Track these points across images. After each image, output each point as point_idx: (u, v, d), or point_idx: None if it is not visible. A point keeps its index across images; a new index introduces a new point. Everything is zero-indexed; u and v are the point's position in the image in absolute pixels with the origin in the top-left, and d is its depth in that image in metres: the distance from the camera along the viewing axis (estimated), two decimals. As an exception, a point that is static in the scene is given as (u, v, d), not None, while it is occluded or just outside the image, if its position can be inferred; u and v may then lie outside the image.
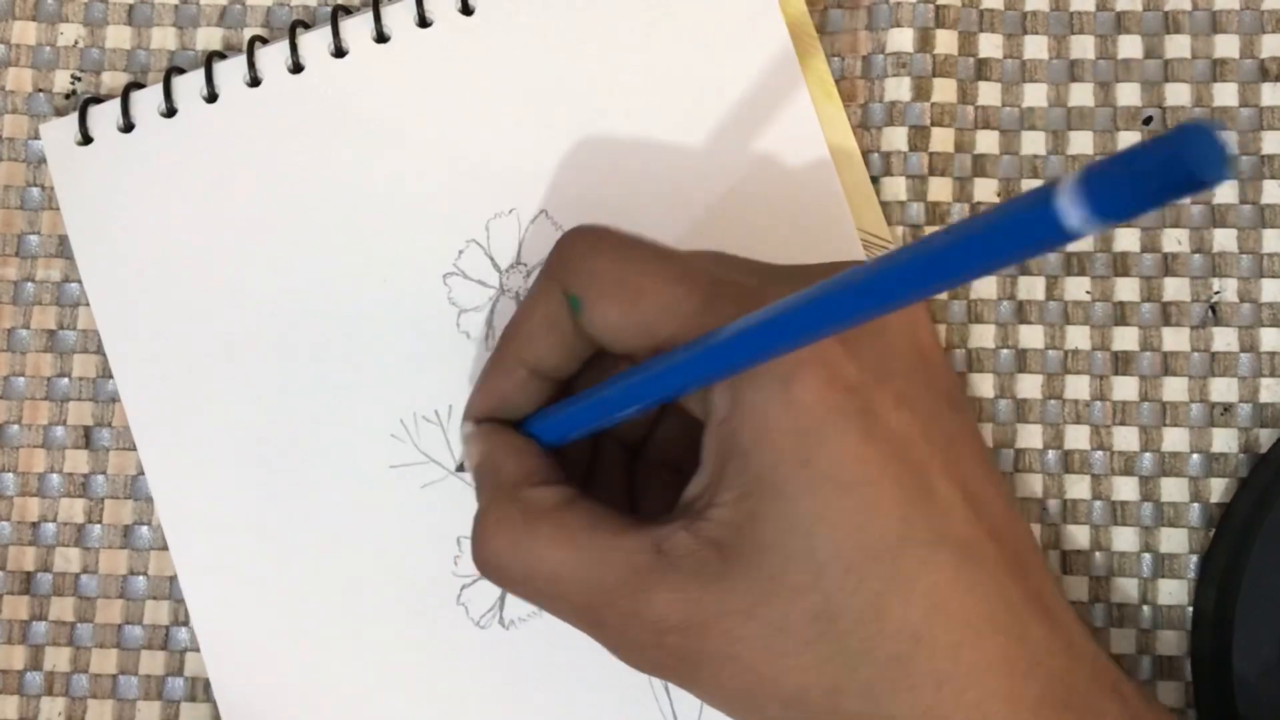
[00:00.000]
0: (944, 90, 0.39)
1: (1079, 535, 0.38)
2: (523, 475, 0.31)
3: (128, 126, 0.39)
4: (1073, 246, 0.39)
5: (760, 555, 0.27)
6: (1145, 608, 0.38)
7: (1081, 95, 0.40)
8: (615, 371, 0.31)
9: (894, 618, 0.27)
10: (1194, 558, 0.38)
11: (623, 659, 0.30)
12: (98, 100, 0.39)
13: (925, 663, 0.27)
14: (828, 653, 0.27)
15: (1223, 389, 0.38)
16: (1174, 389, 0.38)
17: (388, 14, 0.39)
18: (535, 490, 0.31)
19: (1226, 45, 0.40)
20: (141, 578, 0.39)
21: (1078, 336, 0.39)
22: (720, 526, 0.28)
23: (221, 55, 0.39)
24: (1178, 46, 0.40)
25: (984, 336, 0.39)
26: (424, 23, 0.39)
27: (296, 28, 0.39)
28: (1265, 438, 0.38)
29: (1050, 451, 0.38)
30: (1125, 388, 0.39)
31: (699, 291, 0.29)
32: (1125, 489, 0.38)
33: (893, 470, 0.27)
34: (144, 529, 0.39)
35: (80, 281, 0.39)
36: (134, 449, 0.38)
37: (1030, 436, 0.38)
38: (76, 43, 0.41)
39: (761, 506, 0.27)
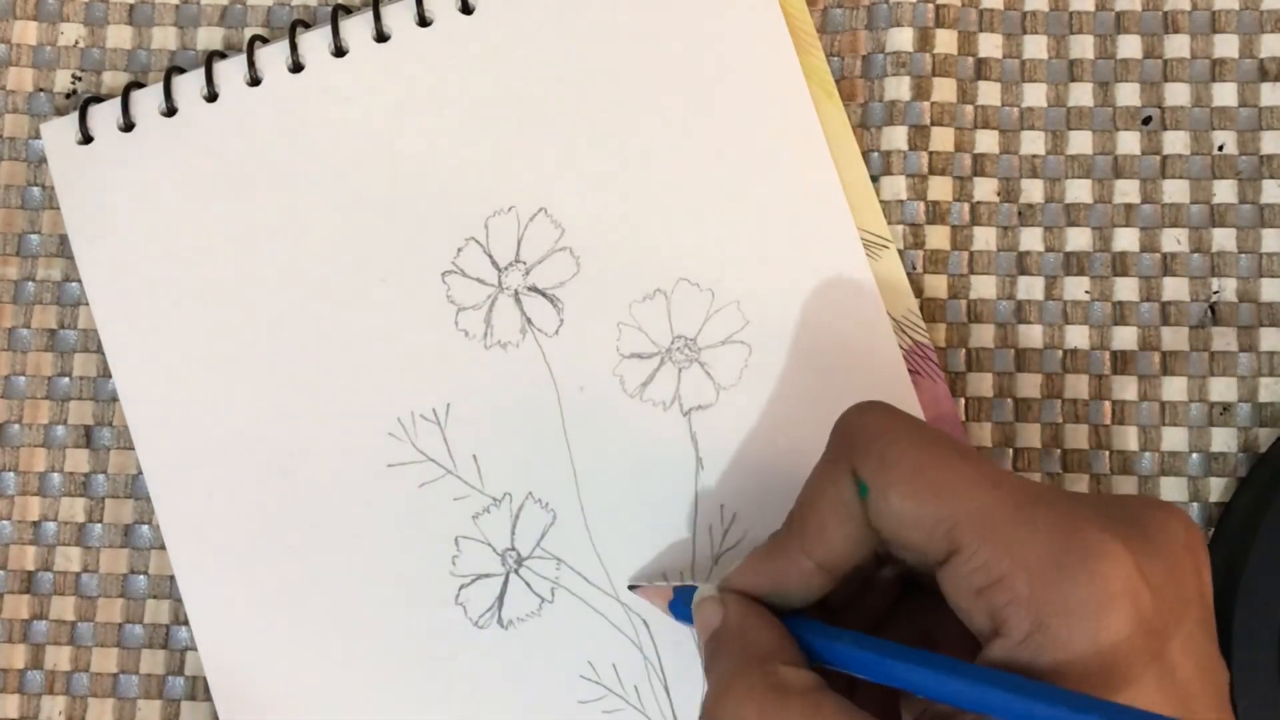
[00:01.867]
0: (944, 90, 0.39)
1: (1078, 535, 0.38)
2: (774, 651, 0.30)
3: (128, 126, 0.39)
4: (1071, 246, 0.39)
5: None
6: (1145, 607, 0.38)
7: (1081, 95, 0.40)
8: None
9: None
10: (1193, 557, 0.38)
11: None
12: (98, 100, 0.39)
13: None
14: None
15: (1222, 389, 0.38)
16: (1173, 389, 0.38)
17: (388, 13, 0.39)
18: (789, 669, 0.30)
19: (1226, 45, 0.40)
20: (142, 577, 0.39)
21: (1077, 336, 0.39)
22: None
23: (222, 55, 0.40)
24: (1177, 46, 0.40)
25: (984, 336, 0.39)
26: (424, 22, 0.39)
27: (297, 27, 0.39)
28: (1264, 437, 0.38)
29: (1050, 451, 0.38)
30: (1125, 387, 0.39)
31: (1011, 501, 0.28)
32: (1125, 488, 0.38)
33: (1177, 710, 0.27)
34: (144, 528, 0.39)
35: (80, 281, 0.39)
36: (134, 448, 0.38)
37: (1030, 436, 0.38)
38: (77, 42, 0.41)
39: None
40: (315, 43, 0.39)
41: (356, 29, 0.39)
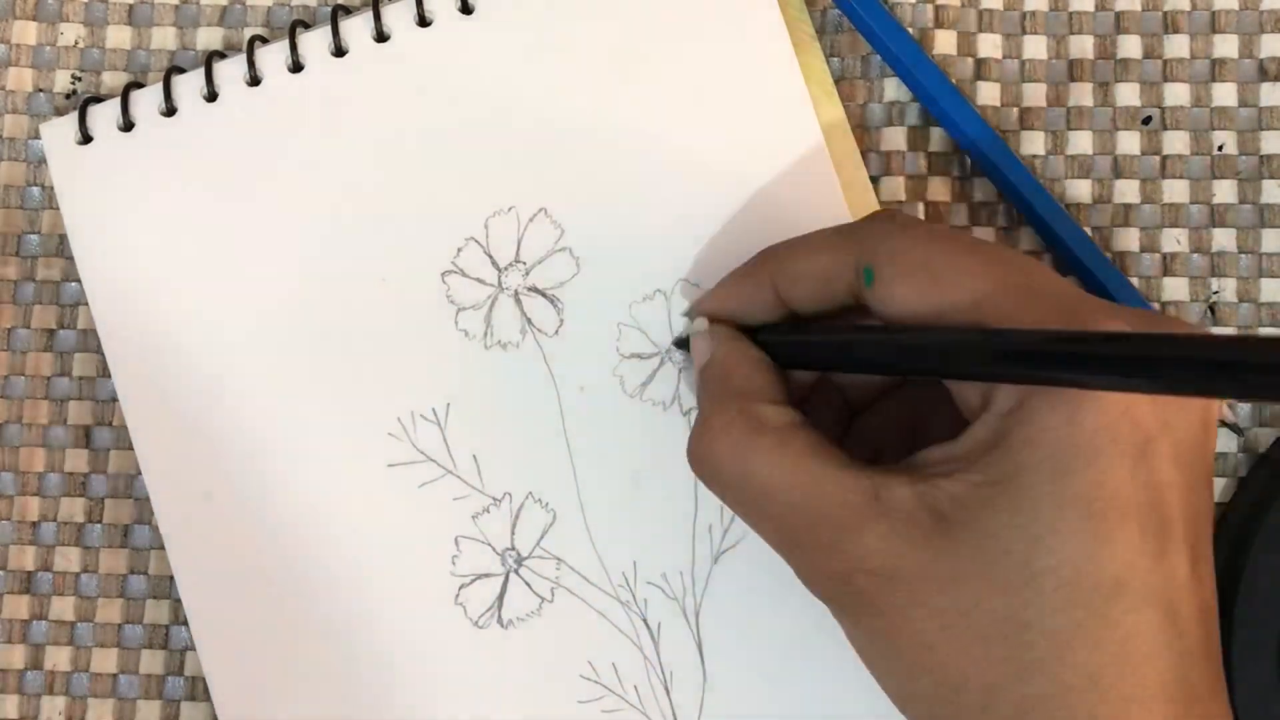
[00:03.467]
0: (943, 90, 0.39)
1: (1078, 535, 0.38)
2: (755, 388, 0.32)
3: (127, 126, 0.39)
4: (1072, 246, 0.39)
5: (978, 539, 0.27)
6: (1145, 607, 0.38)
7: (1081, 95, 0.40)
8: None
9: (1081, 650, 0.27)
10: (1193, 557, 0.38)
11: (804, 580, 0.31)
12: (98, 100, 0.39)
13: (1092, 704, 0.27)
14: (1003, 654, 0.27)
15: (1222, 389, 0.38)
16: (1173, 389, 0.38)
17: (387, 13, 0.39)
18: (767, 406, 0.31)
19: (1225, 45, 0.40)
20: (141, 577, 0.39)
21: (1077, 336, 0.39)
22: (950, 498, 0.28)
23: (221, 55, 0.40)
24: (1177, 46, 0.40)
25: (983, 336, 0.39)
26: (424, 22, 0.39)
27: (296, 27, 0.39)
28: (1264, 437, 0.38)
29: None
30: (1125, 387, 0.38)
31: (1008, 293, 0.29)
32: (1125, 488, 0.38)
33: (1140, 516, 0.27)
34: (143, 528, 0.39)
35: (80, 281, 0.39)
36: (133, 448, 0.38)
37: (1030, 436, 0.38)
38: (77, 43, 0.41)
39: (1001, 497, 0.27)
40: (315, 43, 0.39)
41: (356, 29, 0.39)
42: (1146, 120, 0.39)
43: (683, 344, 0.37)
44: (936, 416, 0.32)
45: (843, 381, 0.35)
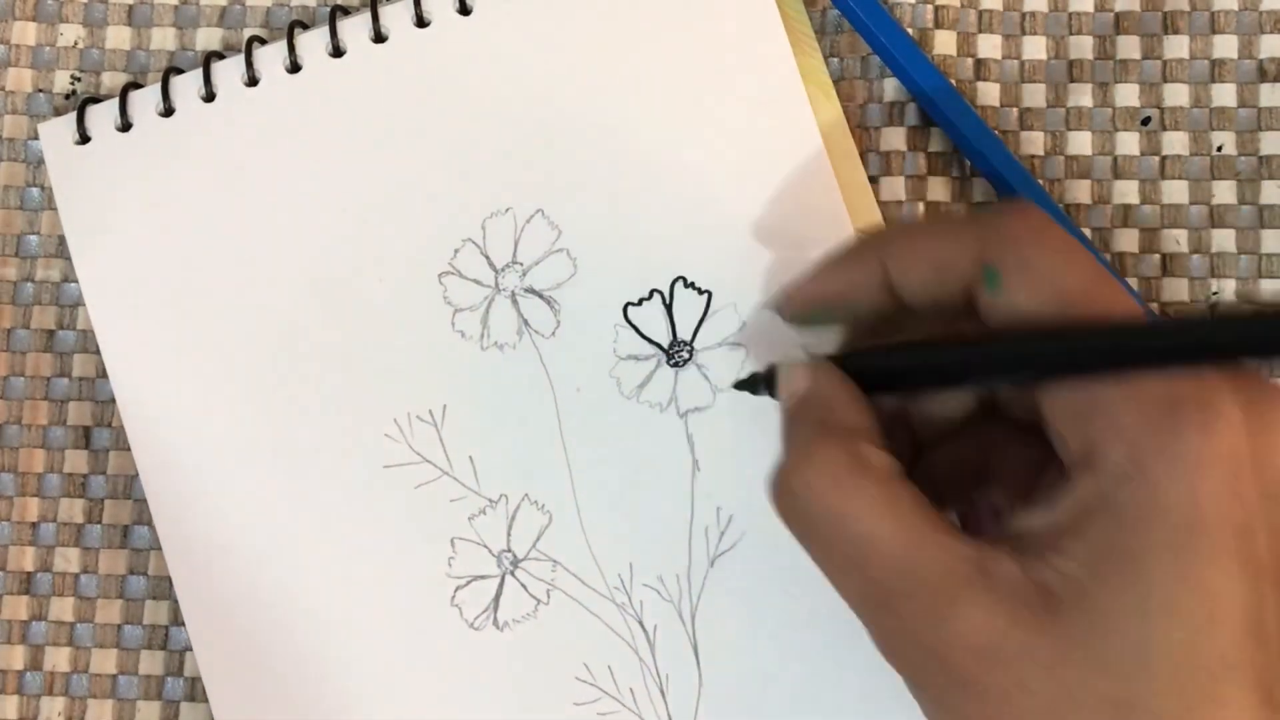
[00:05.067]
0: (942, 90, 0.39)
1: (1077, 536, 0.38)
2: (859, 427, 0.30)
3: (126, 126, 0.39)
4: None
5: (1090, 619, 0.26)
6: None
7: (1080, 95, 0.39)
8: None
9: None
10: (1192, 559, 0.38)
11: (885, 649, 0.29)
12: (96, 100, 0.39)
13: None
14: None
15: (1222, 390, 0.38)
16: (1173, 390, 0.38)
17: (385, 14, 0.39)
18: (872, 449, 0.29)
19: (1225, 46, 0.39)
20: (141, 578, 0.39)
21: (1076, 337, 0.39)
22: (1060, 576, 0.27)
23: (220, 55, 0.40)
24: (1176, 47, 0.40)
25: (982, 337, 0.39)
26: (422, 23, 0.39)
27: (295, 28, 0.39)
28: (1264, 439, 0.38)
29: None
30: (1124, 388, 0.38)
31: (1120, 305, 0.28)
32: (1123, 490, 0.38)
33: (1244, 597, 0.26)
34: (143, 529, 0.39)
35: (79, 281, 0.39)
36: (131, 449, 0.38)
37: (1029, 437, 0.38)
38: (76, 43, 0.41)
39: (1116, 576, 0.26)
40: (313, 43, 0.39)
41: (354, 30, 0.39)
42: (1146, 121, 0.39)
43: (746, 385, 0.35)
44: (1008, 460, 0.31)
45: (914, 419, 0.34)
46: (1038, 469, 0.30)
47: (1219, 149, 0.39)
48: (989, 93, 0.40)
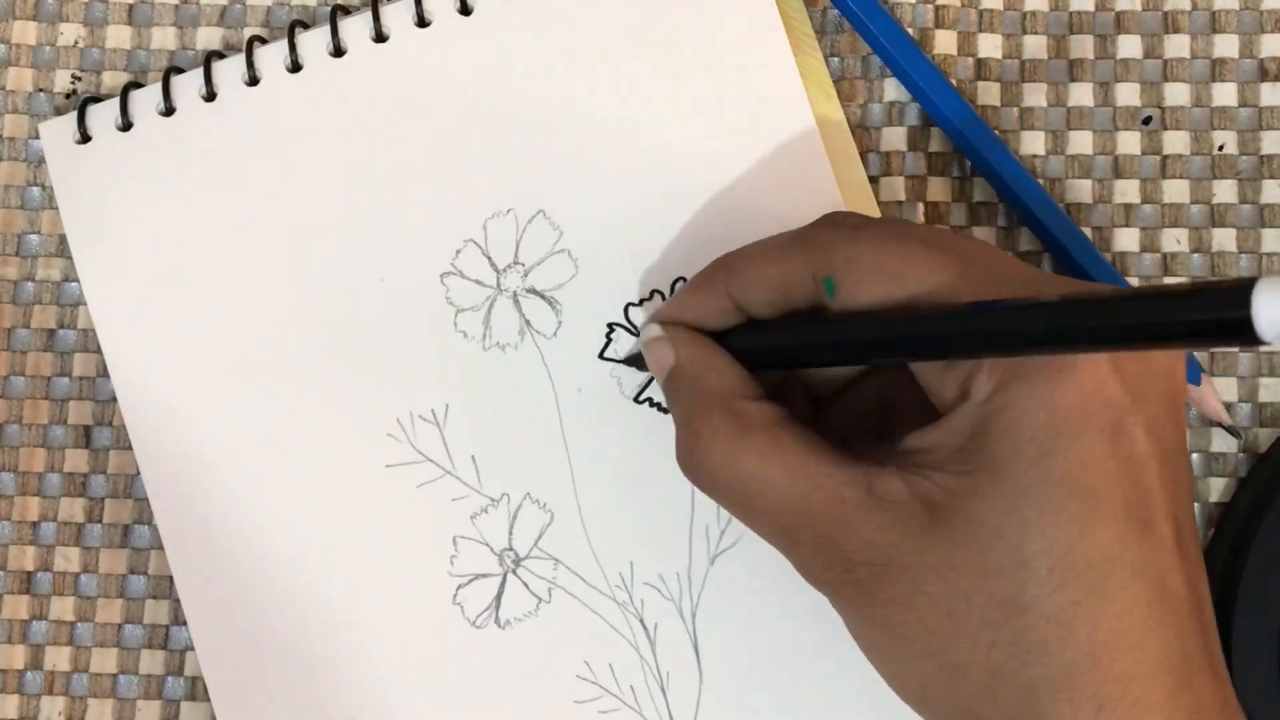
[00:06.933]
0: (943, 90, 0.39)
1: (1077, 535, 0.38)
2: (731, 387, 0.32)
3: (126, 125, 0.39)
4: (1071, 246, 0.39)
5: (970, 526, 0.28)
6: (1144, 608, 0.38)
7: (1081, 95, 0.40)
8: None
9: (1080, 629, 0.27)
10: (1193, 558, 0.38)
11: (804, 574, 0.31)
12: (97, 100, 0.39)
13: (1094, 683, 0.27)
14: (1003, 639, 0.27)
15: (1222, 389, 0.38)
16: (1173, 389, 0.38)
17: (386, 14, 0.39)
18: (748, 404, 0.31)
19: (1225, 45, 0.39)
20: (141, 577, 0.39)
21: (1076, 336, 0.39)
22: (939, 488, 0.28)
23: (220, 55, 0.40)
24: (1177, 46, 0.40)
25: (983, 336, 0.39)
26: (422, 22, 0.39)
27: (295, 27, 0.39)
28: (1264, 438, 0.38)
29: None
30: (1124, 388, 0.38)
31: (971, 282, 0.29)
32: (1124, 489, 0.38)
33: (1124, 490, 0.27)
34: (143, 528, 0.39)
35: (79, 281, 0.39)
36: (132, 448, 0.38)
37: (1029, 436, 0.38)
38: (77, 42, 0.41)
39: (989, 484, 0.28)
40: (314, 43, 0.39)
41: (355, 29, 0.39)
42: (1146, 120, 0.39)
43: (634, 361, 0.37)
44: (905, 404, 0.32)
45: (808, 374, 0.35)
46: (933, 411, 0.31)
47: (1220, 148, 0.39)
48: (989, 93, 0.40)
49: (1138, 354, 0.28)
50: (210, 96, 0.39)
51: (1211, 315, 0.21)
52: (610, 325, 0.38)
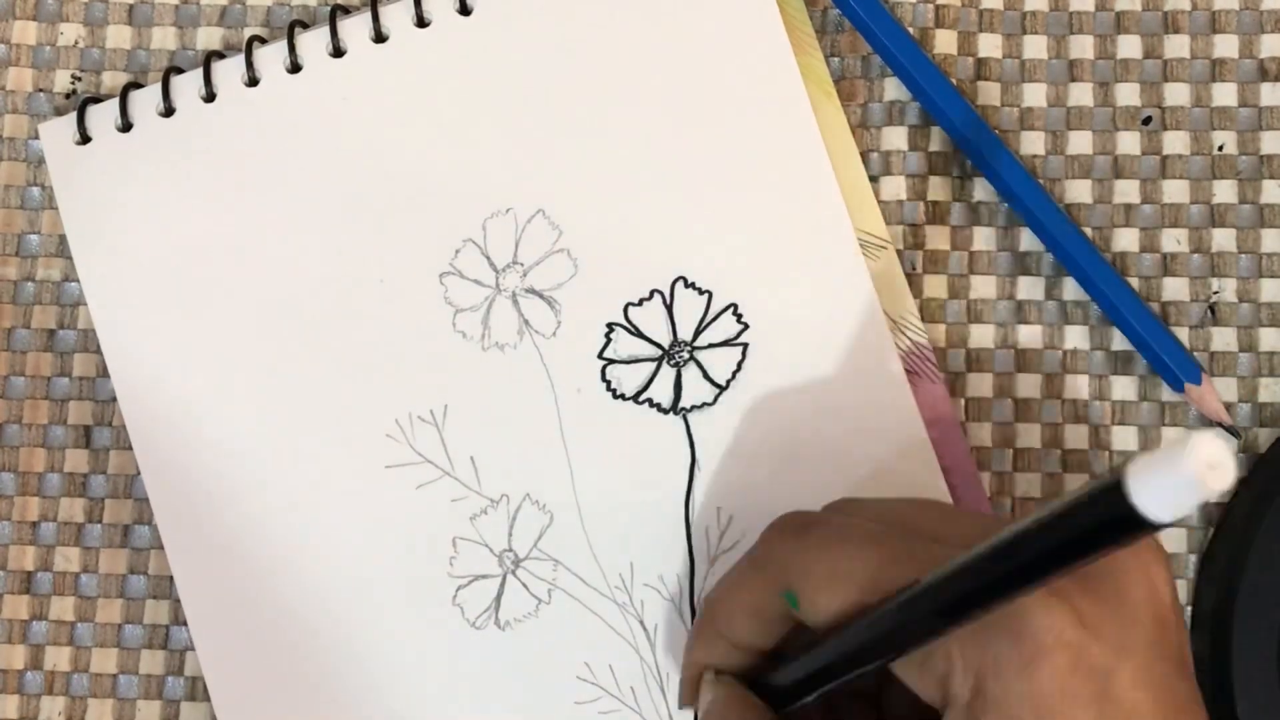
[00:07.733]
0: (943, 90, 0.39)
1: (1077, 536, 0.38)
2: None
3: (126, 126, 0.39)
4: (1071, 246, 0.39)
5: None
6: (1144, 608, 0.38)
7: (1081, 95, 0.40)
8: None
9: None
10: (1193, 557, 0.38)
11: None
12: (97, 100, 0.39)
13: None
14: None
15: (1222, 389, 0.38)
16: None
17: (386, 14, 0.39)
18: None
19: (1225, 45, 0.39)
20: (141, 577, 0.39)
21: (1077, 336, 0.39)
22: None
23: (220, 55, 0.40)
24: (1177, 46, 0.40)
25: (984, 336, 0.39)
26: (422, 23, 0.39)
27: (295, 28, 0.39)
28: (1264, 438, 0.38)
29: (1050, 451, 0.38)
30: (1124, 387, 0.38)
31: (895, 564, 0.29)
32: (1124, 489, 0.38)
33: None
34: (143, 528, 0.39)
35: (79, 281, 0.39)
36: (133, 448, 0.38)
37: (1030, 436, 0.38)
38: (76, 43, 0.41)
39: None
40: (313, 43, 0.39)
41: (355, 29, 0.39)
42: (1146, 120, 0.39)
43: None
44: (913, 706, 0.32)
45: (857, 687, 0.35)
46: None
47: (1220, 148, 0.39)
48: (989, 92, 0.40)
49: (1109, 601, 0.28)
50: (210, 97, 0.39)
51: (1091, 528, 0.21)
52: (610, 325, 0.38)
